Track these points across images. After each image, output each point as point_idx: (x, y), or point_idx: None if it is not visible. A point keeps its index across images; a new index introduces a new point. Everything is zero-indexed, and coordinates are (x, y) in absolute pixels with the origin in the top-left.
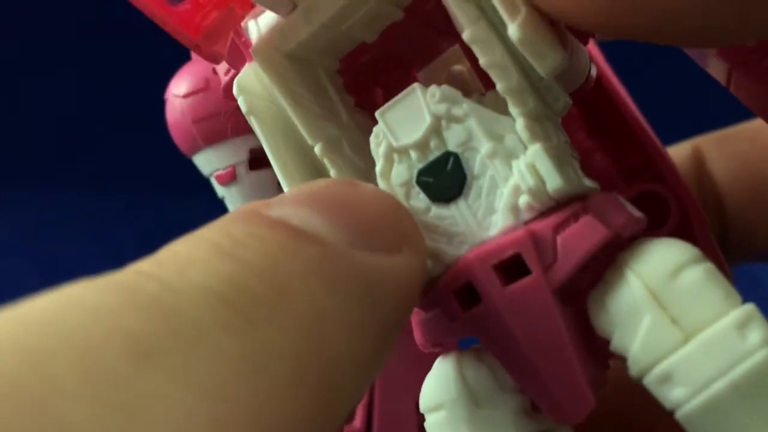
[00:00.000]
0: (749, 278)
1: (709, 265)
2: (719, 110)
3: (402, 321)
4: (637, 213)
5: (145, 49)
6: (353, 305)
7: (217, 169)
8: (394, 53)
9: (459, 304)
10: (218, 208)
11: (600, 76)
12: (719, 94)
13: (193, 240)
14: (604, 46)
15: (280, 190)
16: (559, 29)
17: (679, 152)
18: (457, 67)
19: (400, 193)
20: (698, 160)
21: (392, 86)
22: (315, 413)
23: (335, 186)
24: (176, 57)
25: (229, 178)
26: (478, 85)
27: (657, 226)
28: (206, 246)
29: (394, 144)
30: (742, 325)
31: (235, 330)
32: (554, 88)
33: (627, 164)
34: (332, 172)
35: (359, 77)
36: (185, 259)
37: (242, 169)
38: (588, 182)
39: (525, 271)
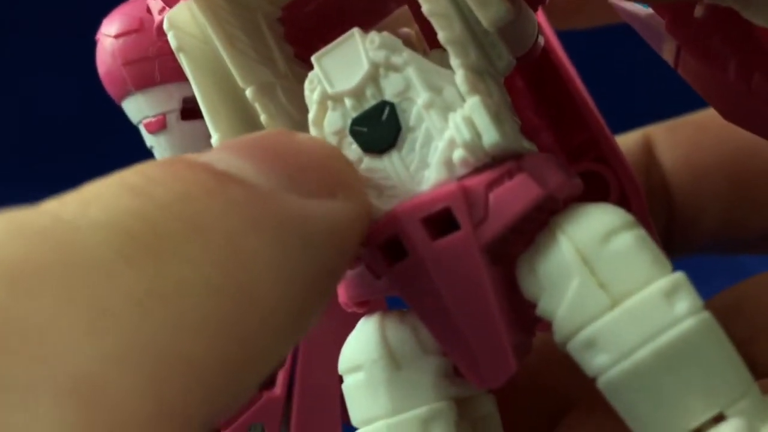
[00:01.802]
0: (737, 269)
1: (641, 232)
2: (672, 98)
3: (337, 271)
4: (572, 176)
5: None
6: (280, 248)
7: (147, 117)
8: (340, 8)
9: (385, 258)
10: None
11: (548, 52)
12: (675, 83)
13: (105, 180)
14: (561, 34)
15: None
16: None
17: (629, 140)
18: (405, 30)
19: (332, 142)
20: (648, 148)
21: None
22: (227, 358)
23: (268, 134)
24: None
25: (159, 127)
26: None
27: None
28: (117, 184)
29: (329, 90)
30: (671, 293)
31: (137, 262)
32: (498, 45)
33: (571, 143)
34: (263, 118)
35: (301, 29)
36: (91, 195)
37: (173, 118)
38: (526, 143)
39: (455, 226)
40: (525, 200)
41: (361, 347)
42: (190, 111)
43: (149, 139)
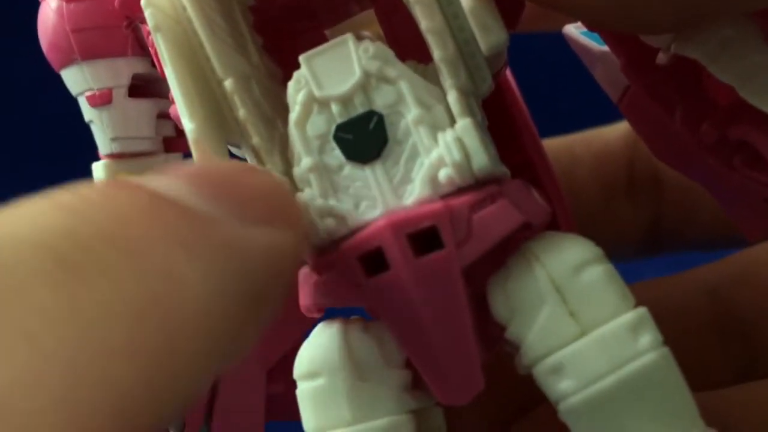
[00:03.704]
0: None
1: (609, 266)
2: None
3: (269, 299)
4: (544, 204)
5: None
6: (213, 275)
7: (91, 89)
8: (308, 5)
9: (363, 270)
10: None
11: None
12: None
13: (39, 198)
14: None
15: (159, 124)
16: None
17: (613, 133)
18: (366, 33)
19: (314, 146)
20: (633, 141)
21: (300, 37)
22: (149, 384)
23: (211, 165)
24: None
25: (103, 101)
26: None
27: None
28: (48, 202)
29: (316, 93)
30: (635, 327)
31: (59, 283)
32: (483, 67)
33: (507, 164)
34: (241, 112)
35: (270, 20)
36: (20, 212)
37: (120, 94)
38: (503, 167)
39: (435, 244)
40: (506, 225)
41: (322, 354)
42: (138, 88)
43: (89, 113)
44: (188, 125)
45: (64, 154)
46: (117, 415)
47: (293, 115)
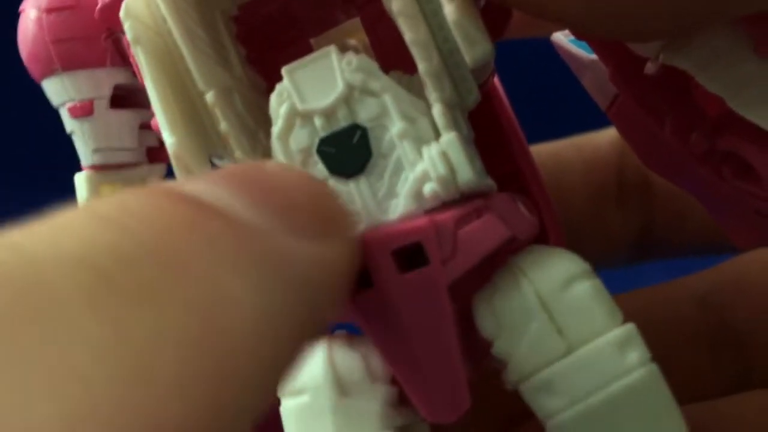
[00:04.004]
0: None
1: (597, 282)
2: None
3: (323, 318)
4: (531, 217)
5: None
6: (265, 293)
7: (72, 100)
8: (292, 14)
9: None
10: None
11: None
12: None
13: (79, 209)
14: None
15: (141, 135)
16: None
17: (603, 138)
18: (352, 41)
19: (297, 160)
20: (623, 146)
21: (284, 48)
22: (202, 415)
23: (256, 166)
24: None
25: (84, 112)
26: None
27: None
28: (91, 215)
29: (299, 106)
30: (623, 344)
31: (107, 310)
32: (469, 79)
33: (496, 173)
34: (223, 125)
35: (252, 30)
36: (60, 226)
37: (102, 105)
38: (489, 181)
39: (420, 260)
40: (492, 240)
41: (307, 370)
42: (119, 99)
43: (70, 124)
44: (168, 139)
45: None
46: None
47: (276, 129)
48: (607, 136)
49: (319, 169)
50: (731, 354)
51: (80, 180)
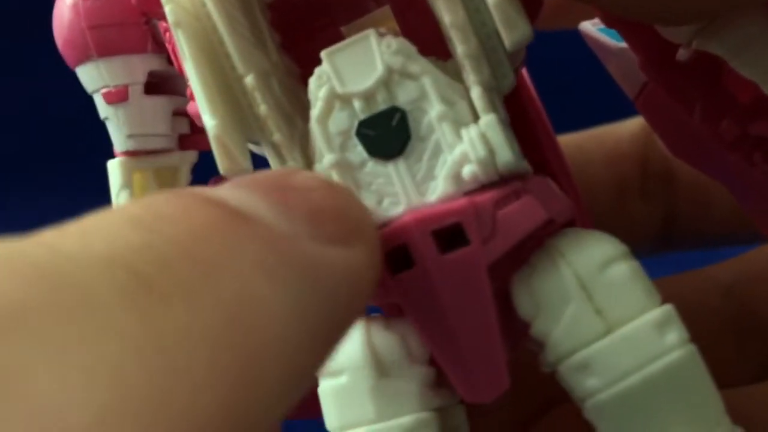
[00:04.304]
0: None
1: (635, 263)
2: None
3: (348, 322)
4: (567, 199)
5: None
6: (292, 296)
7: (107, 86)
8: (324, 2)
9: (387, 267)
10: None
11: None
12: None
13: (109, 212)
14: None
15: (174, 122)
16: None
17: (627, 128)
18: (382, 30)
19: (336, 142)
20: (646, 136)
21: (316, 35)
22: (231, 412)
23: (283, 173)
24: None
25: (119, 98)
26: None
27: None
28: (123, 217)
29: (339, 89)
30: (662, 325)
31: (140, 307)
32: (504, 63)
33: None
34: (262, 109)
35: (287, 18)
36: (92, 227)
37: (136, 91)
38: (526, 163)
39: (460, 241)
40: (531, 222)
41: (345, 351)
42: (154, 85)
43: (105, 110)
44: (209, 122)
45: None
46: None
47: (315, 112)
48: (630, 127)
49: (359, 151)
50: (757, 344)
51: (113, 166)
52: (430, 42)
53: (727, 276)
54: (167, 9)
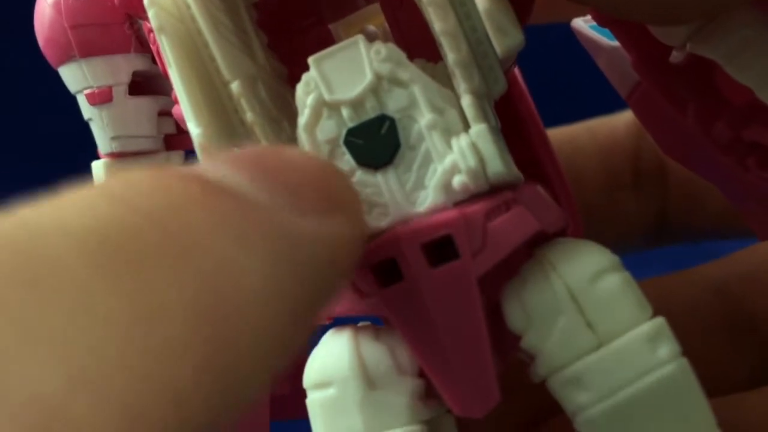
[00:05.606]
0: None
1: (626, 274)
2: None
3: (328, 294)
4: (559, 210)
5: None
6: (270, 266)
7: (91, 87)
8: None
9: (376, 280)
10: None
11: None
12: None
13: (86, 187)
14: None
15: (160, 122)
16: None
17: (619, 121)
18: (371, 27)
19: (324, 151)
20: (639, 130)
21: (304, 34)
22: (209, 386)
23: (263, 148)
24: None
25: (103, 99)
26: None
27: None
28: (99, 192)
29: (326, 97)
30: (654, 338)
31: (113, 276)
32: (496, 69)
33: (514, 160)
34: (249, 116)
35: (274, 16)
36: (67, 202)
37: (120, 92)
38: (518, 172)
39: (449, 253)
40: (522, 233)
41: (333, 362)
42: (138, 85)
43: (88, 111)
44: (194, 130)
45: (62, 152)
46: (173, 419)
47: (302, 119)
48: (622, 119)
49: (347, 160)
50: (750, 343)
51: (98, 168)
52: (420, 40)
53: (719, 275)
54: (151, 13)
